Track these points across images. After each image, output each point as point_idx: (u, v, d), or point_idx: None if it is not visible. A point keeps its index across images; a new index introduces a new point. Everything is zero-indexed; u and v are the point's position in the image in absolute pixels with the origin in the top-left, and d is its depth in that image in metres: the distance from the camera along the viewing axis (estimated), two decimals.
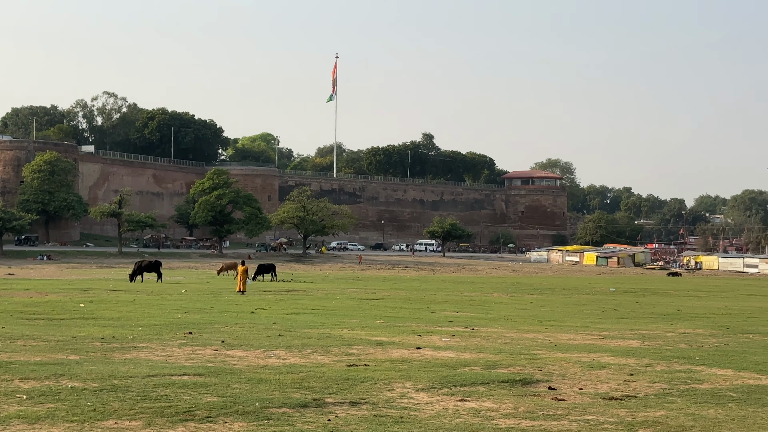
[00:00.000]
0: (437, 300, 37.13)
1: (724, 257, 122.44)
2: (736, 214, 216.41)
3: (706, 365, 16.03)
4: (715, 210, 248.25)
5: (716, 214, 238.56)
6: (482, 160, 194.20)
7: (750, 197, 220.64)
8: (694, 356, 17.44)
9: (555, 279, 71.96)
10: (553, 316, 29.05)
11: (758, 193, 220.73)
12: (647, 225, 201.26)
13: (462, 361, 15.82)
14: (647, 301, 40.95)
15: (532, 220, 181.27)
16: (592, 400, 12.10)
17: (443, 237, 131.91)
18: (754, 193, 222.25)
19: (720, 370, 15.46)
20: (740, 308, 36.66)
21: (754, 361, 16.83)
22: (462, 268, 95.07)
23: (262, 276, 54.50)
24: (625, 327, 24.97)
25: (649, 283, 65.86)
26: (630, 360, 16.60)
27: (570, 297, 43.71)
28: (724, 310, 35.17)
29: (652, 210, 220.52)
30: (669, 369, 15.41)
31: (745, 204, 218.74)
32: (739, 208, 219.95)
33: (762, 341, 21.48)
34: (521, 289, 51.08)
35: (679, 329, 24.63)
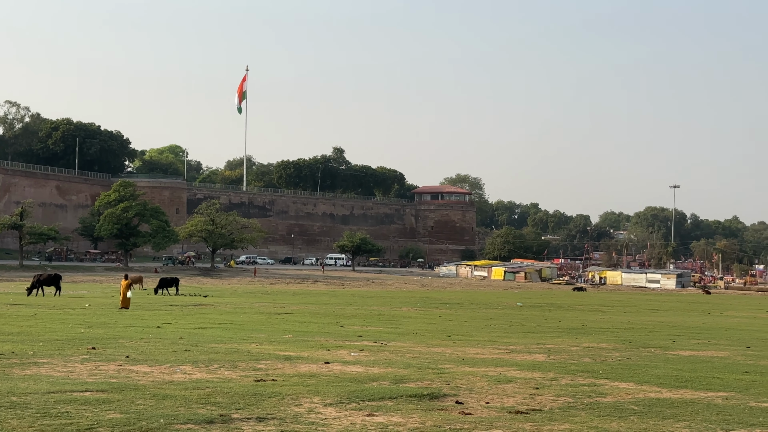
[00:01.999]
0: (346, 314, 37.08)
1: (628, 272, 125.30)
2: (639, 231, 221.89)
3: (609, 379, 16.36)
4: (619, 226, 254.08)
5: (620, 231, 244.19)
6: (392, 174, 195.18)
7: (652, 214, 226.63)
8: (598, 370, 17.79)
9: (463, 293, 72.62)
10: (461, 331, 29.29)
11: (660, 210, 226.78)
12: (554, 240, 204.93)
13: (370, 376, 15.83)
14: (553, 316, 41.61)
15: (441, 234, 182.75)
16: (499, 413, 12.23)
17: (353, 251, 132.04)
18: (656, 210, 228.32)
19: (622, 383, 15.79)
20: (642, 323, 37.53)
21: (655, 374, 17.25)
22: (371, 282, 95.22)
23: (164, 290, 53.53)
24: (532, 341, 25.32)
25: (555, 298, 66.96)
26: (536, 374, 16.84)
27: (478, 311, 44.13)
28: (627, 324, 35.95)
29: (559, 226, 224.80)
30: (573, 383, 15.68)
31: (648, 220, 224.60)
32: (642, 224, 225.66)
33: (663, 355, 22.02)
34: (430, 303, 51.39)
35: (584, 343, 25.09)
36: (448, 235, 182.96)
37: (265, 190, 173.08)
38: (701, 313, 50.23)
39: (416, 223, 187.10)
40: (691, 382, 16.24)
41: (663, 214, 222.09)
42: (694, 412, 12.74)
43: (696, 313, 49.28)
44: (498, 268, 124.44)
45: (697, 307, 58.85)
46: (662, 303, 64.48)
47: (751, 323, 40.48)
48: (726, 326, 36.93)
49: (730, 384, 16.08)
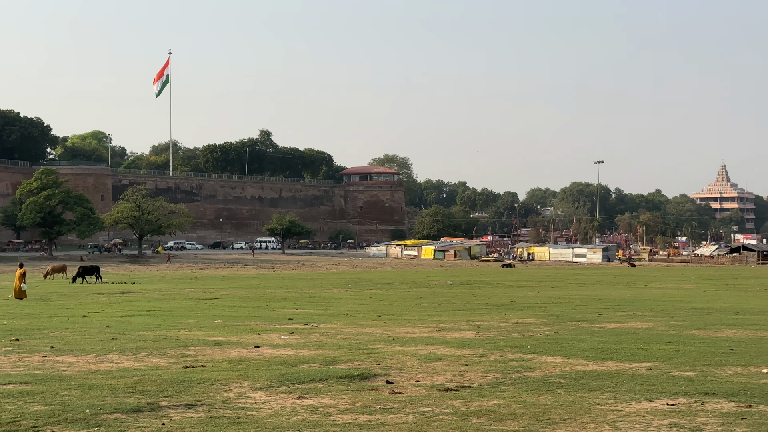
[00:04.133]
0: (277, 297, 36.94)
1: (555, 248, 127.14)
2: (565, 206, 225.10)
3: (537, 353, 16.58)
4: (545, 202, 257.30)
5: (547, 207, 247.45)
6: (320, 156, 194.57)
7: (578, 189, 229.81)
8: (526, 345, 18.01)
9: (394, 273, 72.89)
10: (392, 311, 29.39)
11: (585, 185, 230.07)
12: (482, 218, 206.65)
13: (301, 359, 15.79)
14: (482, 293, 42.01)
15: (370, 215, 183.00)
16: (428, 391, 12.30)
17: (283, 234, 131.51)
18: (581, 185, 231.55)
19: (550, 357, 16.02)
20: (569, 297, 38.12)
21: (581, 347, 17.53)
22: (302, 264, 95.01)
23: (83, 279, 52.39)
24: (461, 319, 25.53)
25: (484, 275, 67.61)
26: (465, 351, 16.98)
27: (408, 291, 44.34)
28: (554, 299, 36.48)
29: (487, 203, 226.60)
30: (502, 358, 15.85)
31: (574, 196, 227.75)
32: (568, 200, 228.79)
33: (589, 328, 22.40)
34: (361, 284, 51.47)
35: (513, 319, 25.39)
36: (377, 215, 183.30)
37: (191, 174, 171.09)
38: (626, 285, 51.21)
39: (345, 205, 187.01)
40: (616, 353, 16.53)
41: (588, 190, 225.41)
42: (620, 383, 12.98)
43: (621, 286, 50.23)
44: (428, 247, 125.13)
45: (622, 279, 59.99)
46: (589, 277, 65.57)
47: (675, 294, 41.40)
48: (650, 298, 37.71)
49: (654, 354, 16.42)
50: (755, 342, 18.86)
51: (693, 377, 13.54)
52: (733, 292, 43.91)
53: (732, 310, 29.78)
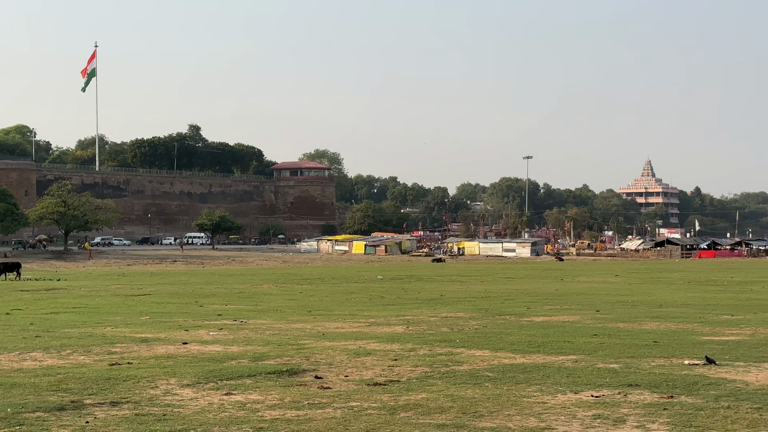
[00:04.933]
0: (206, 293, 36.60)
1: (485, 243, 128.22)
2: (495, 201, 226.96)
3: (465, 347, 16.71)
4: (475, 197, 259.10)
5: (477, 202, 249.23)
6: (251, 151, 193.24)
7: (507, 184, 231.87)
8: (455, 339, 18.14)
9: (324, 268, 72.77)
10: (322, 306, 29.34)
11: (514, 180, 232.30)
12: (413, 213, 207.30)
13: (229, 355, 15.68)
14: (413, 288, 42.17)
15: (301, 210, 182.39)
16: (357, 386, 12.32)
17: (212, 229, 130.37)
18: (510, 180, 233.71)
19: (478, 351, 16.15)
20: (498, 291, 38.47)
21: (509, 341, 17.71)
22: (232, 260, 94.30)
23: (4, 276, 51.27)
24: (391, 313, 25.61)
25: (414, 270, 67.87)
26: (395, 345, 17.04)
27: (339, 286, 44.30)
28: (483, 293, 36.78)
29: (417, 198, 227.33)
30: (431, 353, 15.94)
31: (503, 191, 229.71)
32: (498, 195, 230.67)
33: (517, 322, 22.64)
34: (291, 279, 51.27)
35: (442, 313, 25.54)
36: (308, 210, 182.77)
37: (119, 169, 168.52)
38: (554, 279, 51.87)
39: (276, 200, 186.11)
40: (543, 347, 16.75)
41: (517, 185, 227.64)
42: (546, 375, 13.16)
43: (549, 280, 50.86)
44: (358, 242, 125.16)
45: (550, 273, 60.74)
46: (518, 271, 66.25)
47: (601, 287, 42.07)
48: (577, 291, 38.26)
49: (580, 347, 16.68)
50: (678, 334, 19.27)
51: (617, 369, 13.78)
52: (658, 285, 44.78)
53: (656, 303, 30.37)
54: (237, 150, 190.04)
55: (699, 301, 31.14)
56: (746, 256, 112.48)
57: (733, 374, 13.26)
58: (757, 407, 10.69)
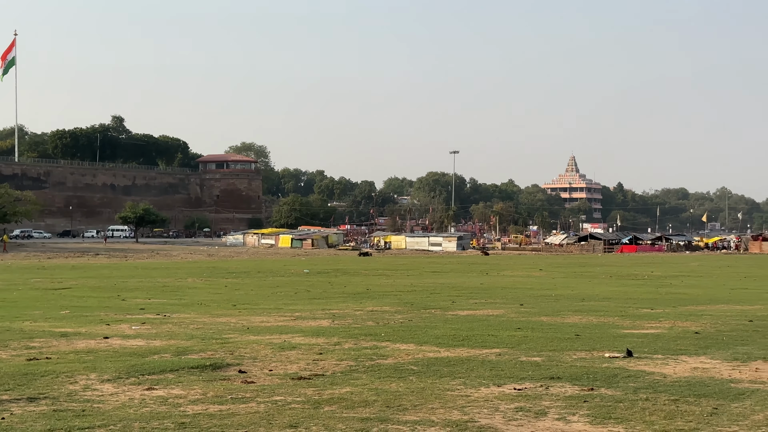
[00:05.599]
0: (129, 287, 36.09)
1: (411, 237, 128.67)
2: (422, 195, 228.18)
3: (390, 341, 16.76)
4: (402, 191, 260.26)
5: (404, 196, 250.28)
6: (176, 143, 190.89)
7: (434, 179, 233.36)
8: (380, 333, 18.19)
9: (250, 262, 72.33)
10: (247, 300, 29.18)
11: (441, 175, 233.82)
12: (340, 207, 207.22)
13: (152, 349, 15.49)
14: (339, 281, 42.17)
15: (227, 204, 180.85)
16: (282, 380, 12.27)
17: (136, 222, 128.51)
18: (437, 174, 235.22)
19: (403, 345, 16.22)
20: (424, 285, 38.67)
21: (434, 335, 17.82)
22: (156, 253, 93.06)
23: None
24: (317, 307, 25.57)
25: (341, 264, 67.86)
26: (320, 339, 17.02)
27: (265, 280, 44.09)
28: (409, 287, 36.94)
29: (345, 192, 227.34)
30: (356, 346, 15.96)
31: (430, 185, 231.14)
32: (425, 189, 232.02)
33: (442, 315, 22.79)
34: (216, 273, 50.85)
35: (368, 307, 25.59)
36: (234, 204, 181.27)
37: (39, 160, 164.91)
38: (479, 273, 52.33)
39: (202, 193, 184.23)
40: (467, 340, 16.89)
41: (444, 179, 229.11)
42: (470, 369, 13.27)
43: (475, 274, 51.29)
44: (285, 236, 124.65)
45: (476, 267, 61.26)
46: (443, 265, 66.70)
47: (525, 281, 42.59)
48: (502, 285, 38.67)
49: (504, 340, 16.86)
50: (599, 327, 19.61)
51: (540, 362, 13.97)
52: (580, 279, 45.49)
53: (579, 296, 30.85)
54: (162, 142, 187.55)
55: (620, 295, 31.72)
56: (666, 250, 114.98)
57: (651, 367, 13.54)
58: (674, 399, 10.93)
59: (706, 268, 62.57)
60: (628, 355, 14.50)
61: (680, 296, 31.36)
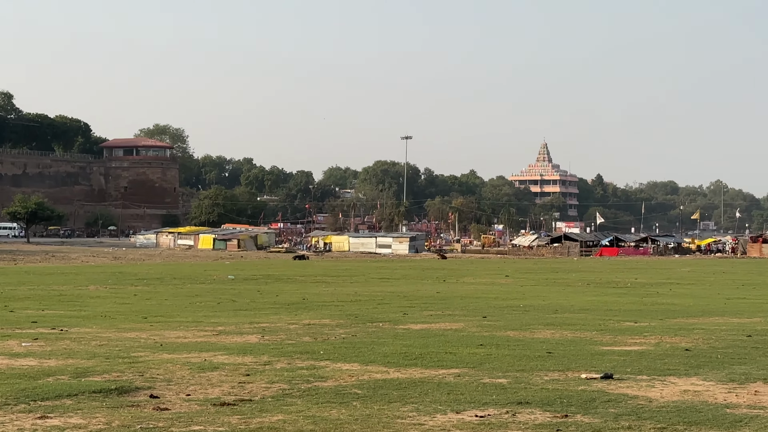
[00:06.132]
0: (18, 296, 35.68)
1: (356, 237, 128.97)
2: (368, 189, 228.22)
3: (331, 360, 16.75)
4: (345, 184, 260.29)
5: (347, 189, 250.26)
6: (75, 125, 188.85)
7: (382, 169, 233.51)
8: (319, 350, 18.18)
9: (165, 267, 71.87)
10: (161, 311, 29.00)
11: (391, 164, 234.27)
12: (271, 201, 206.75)
13: (45, 370, 15.31)
14: (270, 290, 42.09)
15: (137, 197, 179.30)
16: (201, 407, 12.20)
17: (27, 219, 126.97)
18: (386, 164, 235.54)
19: (346, 364, 16.22)
20: (371, 294, 38.75)
21: (382, 352, 17.86)
22: (51, 256, 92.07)
23: None
24: (244, 320, 25.49)
25: (273, 269, 67.73)
26: (247, 358, 16.97)
27: (182, 288, 43.87)
28: (353, 296, 36.99)
29: (277, 184, 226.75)
30: (290, 366, 15.93)
31: (378, 177, 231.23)
32: (371, 181, 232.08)
33: (392, 330, 22.85)
34: (124, 279, 50.47)
35: (304, 320, 25.56)
36: (145, 197, 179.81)
37: None
38: (436, 280, 52.57)
39: (106, 184, 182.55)
40: (421, 359, 16.95)
41: (394, 169, 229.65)
42: (424, 392, 13.31)
43: (430, 281, 51.53)
44: (206, 236, 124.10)
45: (431, 274, 61.53)
46: (394, 271, 66.89)
47: (489, 290, 42.86)
48: (462, 294, 38.88)
49: (464, 359, 16.95)
50: (574, 343, 19.79)
51: (505, 384, 14.06)
52: (553, 287, 45.91)
53: (551, 307, 31.12)
54: (59, 123, 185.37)
55: (599, 306, 32.07)
56: (652, 254, 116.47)
57: (635, 389, 13.69)
58: (660, 427, 11.06)
59: (699, 274, 63.52)
60: (607, 377, 14.64)
61: (668, 307, 31.78)
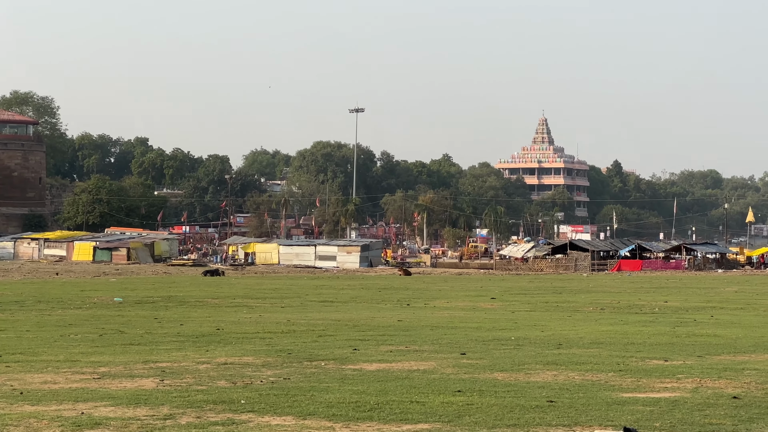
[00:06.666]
0: None
1: (288, 245, 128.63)
2: (305, 179, 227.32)
3: (255, 412, 16.73)
4: (274, 173, 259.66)
5: (276, 180, 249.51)
6: None
7: (324, 153, 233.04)
8: (239, 399, 18.13)
9: (27, 286, 71.41)
10: (20, 347, 28.77)
11: (336, 146, 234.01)
12: (174, 197, 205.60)
13: None
14: (172, 316, 41.91)
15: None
16: None
17: None
18: (330, 146, 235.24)
19: (276, 417, 16.22)
20: (309, 322, 38.67)
21: (325, 401, 17.83)
22: None
23: None
24: (137, 358, 25.37)
25: (176, 288, 67.49)
26: (140, 410, 16.89)
27: (50, 315, 43.55)
28: (285, 325, 36.89)
29: (181, 174, 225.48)
30: (200, 422, 15.89)
31: (318, 163, 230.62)
32: (309, 169, 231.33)
33: (338, 371, 22.83)
34: None
35: (219, 358, 25.49)
36: (1, 191, 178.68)
37: None
38: (397, 304, 52.56)
39: None
40: (378, 410, 16.95)
41: (340, 153, 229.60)
42: None
43: (389, 305, 51.51)
44: (84, 243, 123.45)
45: (391, 295, 61.49)
46: (339, 291, 66.77)
47: (469, 317, 42.93)
48: (432, 323, 38.88)
49: (436, 410, 16.96)
50: (584, 389, 19.87)
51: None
52: (556, 313, 46.07)
53: (553, 341, 31.21)
54: None
55: (617, 339, 32.19)
56: (688, 268, 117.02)
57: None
58: None
59: (749, 295, 63.96)
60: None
61: (710, 340, 31.97)
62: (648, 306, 51.40)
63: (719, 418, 16.42)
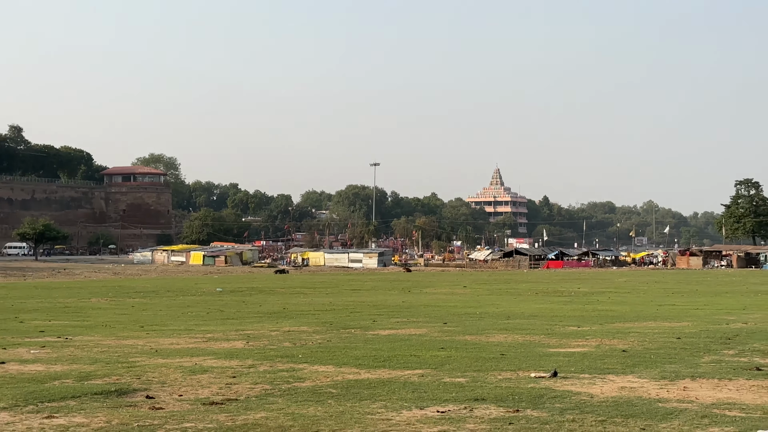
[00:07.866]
0: (27, 308, 35.31)
1: (330, 253, 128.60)
2: (341, 210, 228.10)
3: (308, 363, 16.69)
4: (321, 206, 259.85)
5: (322, 210, 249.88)
6: (78, 155, 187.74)
7: (353, 192, 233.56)
8: (298, 354, 18.10)
9: (159, 281, 71.39)
10: (156, 321, 28.79)
11: (361, 188, 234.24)
12: (255, 222, 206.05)
13: (52, 375, 15.15)
14: (254, 300, 41.90)
15: (134, 219, 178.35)
16: (192, 406, 12.11)
17: (36, 239, 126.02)
18: (357, 188, 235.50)
19: (322, 366, 16.17)
20: (344, 303, 38.65)
21: (354, 355, 17.81)
22: (57, 272, 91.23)
23: None
24: (231, 328, 25.36)
25: (256, 282, 67.44)
26: (233, 362, 16.87)
27: (175, 299, 43.58)
28: (328, 306, 36.88)
29: (260, 206, 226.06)
30: (272, 369, 15.85)
31: (349, 199, 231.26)
32: (344, 203, 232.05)
33: (363, 335, 22.80)
34: (123, 292, 50.06)
35: (285, 327, 25.46)
36: (142, 218, 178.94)
37: None
38: (401, 291, 52.51)
39: (107, 207, 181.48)
40: (389, 361, 16.91)
41: (364, 192, 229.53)
42: (391, 391, 13.28)
43: (396, 292, 51.45)
44: (196, 253, 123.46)
45: (397, 285, 61.44)
46: (364, 283, 66.72)
47: (449, 299, 42.87)
48: (425, 303, 38.85)
49: (427, 361, 16.92)
50: (524, 346, 19.82)
51: (464, 383, 14.04)
52: (506, 296, 45.97)
53: (504, 314, 31.16)
54: (63, 153, 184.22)
55: (546, 313, 32.12)
56: (593, 266, 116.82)
57: (578, 386, 13.72)
58: (601, 420, 11.09)
59: (633, 283, 63.80)
60: (554, 375, 14.67)
61: (607, 313, 31.89)
62: (567, 291, 51.26)
63: (613, 364, 16.35)
